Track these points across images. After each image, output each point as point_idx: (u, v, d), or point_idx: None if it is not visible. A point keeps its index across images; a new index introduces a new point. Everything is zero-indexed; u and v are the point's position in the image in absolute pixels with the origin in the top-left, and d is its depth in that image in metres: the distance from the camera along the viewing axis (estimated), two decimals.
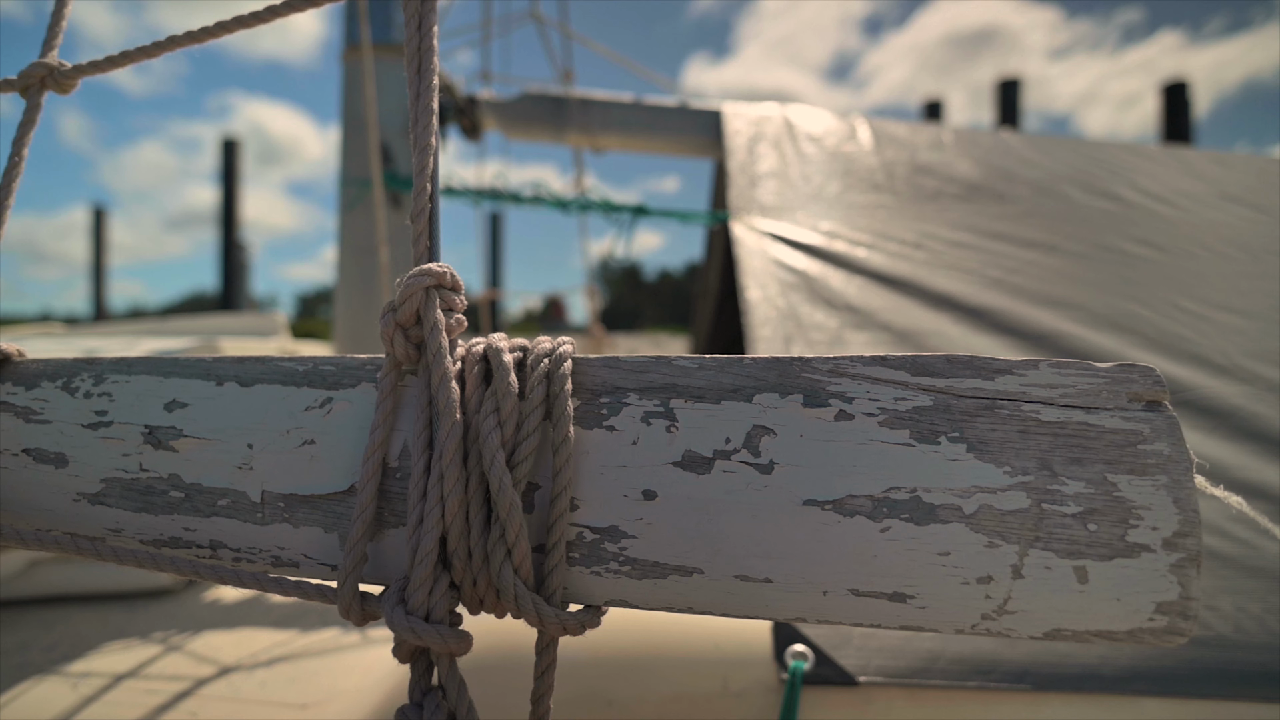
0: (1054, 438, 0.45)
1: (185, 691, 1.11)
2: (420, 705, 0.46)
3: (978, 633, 0.44)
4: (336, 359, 0.55)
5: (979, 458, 0.44)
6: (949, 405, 0.46)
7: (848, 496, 0.45)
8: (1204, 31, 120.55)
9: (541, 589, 0.46)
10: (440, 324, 0.50)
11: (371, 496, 0.48)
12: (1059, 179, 2.15)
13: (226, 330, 2.76)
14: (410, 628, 0.44)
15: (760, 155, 2.21)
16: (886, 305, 1.61)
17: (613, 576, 0.47)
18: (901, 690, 0.95)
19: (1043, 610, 0.43)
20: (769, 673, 0.98)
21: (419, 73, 0.56)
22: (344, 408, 0.52)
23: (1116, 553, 0.43)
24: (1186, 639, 0.43)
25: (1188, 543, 0.43)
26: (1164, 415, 0.45)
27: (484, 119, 2.57)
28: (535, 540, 0.48)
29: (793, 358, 0.48)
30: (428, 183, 0.54)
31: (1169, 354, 1.49)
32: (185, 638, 1.31)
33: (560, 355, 0.49)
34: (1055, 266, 1.77)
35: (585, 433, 0.48)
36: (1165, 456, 0.44)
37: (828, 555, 0.44)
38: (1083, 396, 0.45)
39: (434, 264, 0.52)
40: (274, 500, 0.51)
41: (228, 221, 35.33)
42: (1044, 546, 0.43)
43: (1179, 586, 0.42)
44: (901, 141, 2.31)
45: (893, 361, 0.47)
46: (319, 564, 0.51)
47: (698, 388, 0.48)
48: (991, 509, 0.44)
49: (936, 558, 0.44)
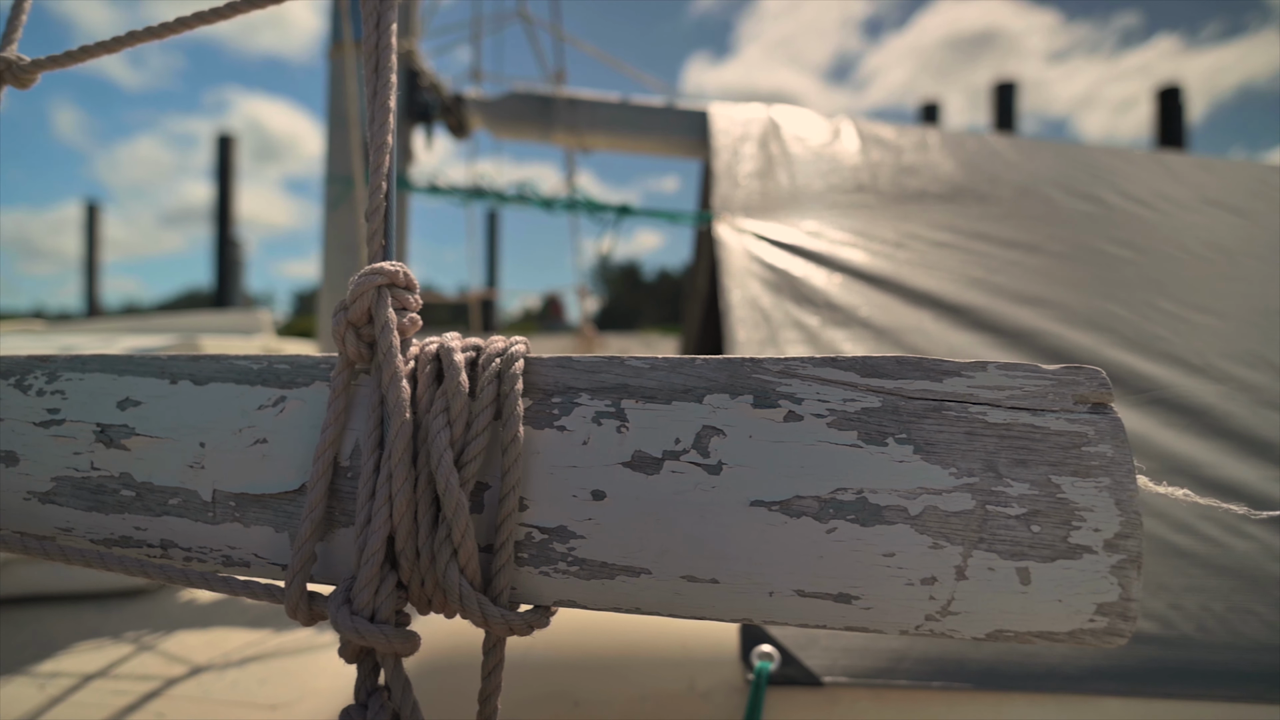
0: (1000, 439, 0.45)
1: (154, 692, 1.10)
2: (365, 706, 0.46)
3: (921, 633, 0.44)
4: (291, 357, 0.55)
5: (925, 459, 0.45)
6: (897, 406, 0.46)
7: (794, 497, 0.45)
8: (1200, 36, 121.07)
9: (489, 589, 0.46)
10: (391, 323, 0.49)
11: (321, 496, 0.48)
12: (1042, 181, 2.16)
13: (209, 328, 2.75)
14: (354, 627, 0.44)
15: (745, 156, 2.21)
16: (867, 303, 1.62)
17: (561, 577, 0.47)
18: (867, 690, 0.95)
19: (985, 611, 0.43)
20: (735, 673, 0.98)
21: (376, 70, 0.56)
22: (297, 406, 0.52)
23: (1059, 554, 0.43)
24: (1126, 640, 0.43)
25: (1129, 544, 0.43)
26: (1108, 417, 0.45)
27: (471, 118, 2.56)
28: (484, 540, 0.48)
29: (744, 358, 0.48)
30: (383, 181, 0.54)
31: (1145, 353, 1.50)
32: (158, 637, 1.30)
33: (512, 355, 0.49)
34: (1036, 266, 1.78)
35: (536, 433, 0.48)
36: (1109, 458, 0.44)
37: (774, 556, 0.44)
38: (1029, 398, 0.45)
39: (387, 262, 0.52)
40: (225, 499, 0.51)
41: (222, 218, 35.21)
42: (988, 548, 0.43)
43: (1119, 588, 0.42)
44: (887, 143, 2.31)
45: (842, 363, 0.47)
46: (270, 563, 0.51)
47: (649, 388, 0.48)
48: (937, 510, 0.44)
49: (881, 559, 0.44)
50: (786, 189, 2.06)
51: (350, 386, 0.51)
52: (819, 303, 1.60)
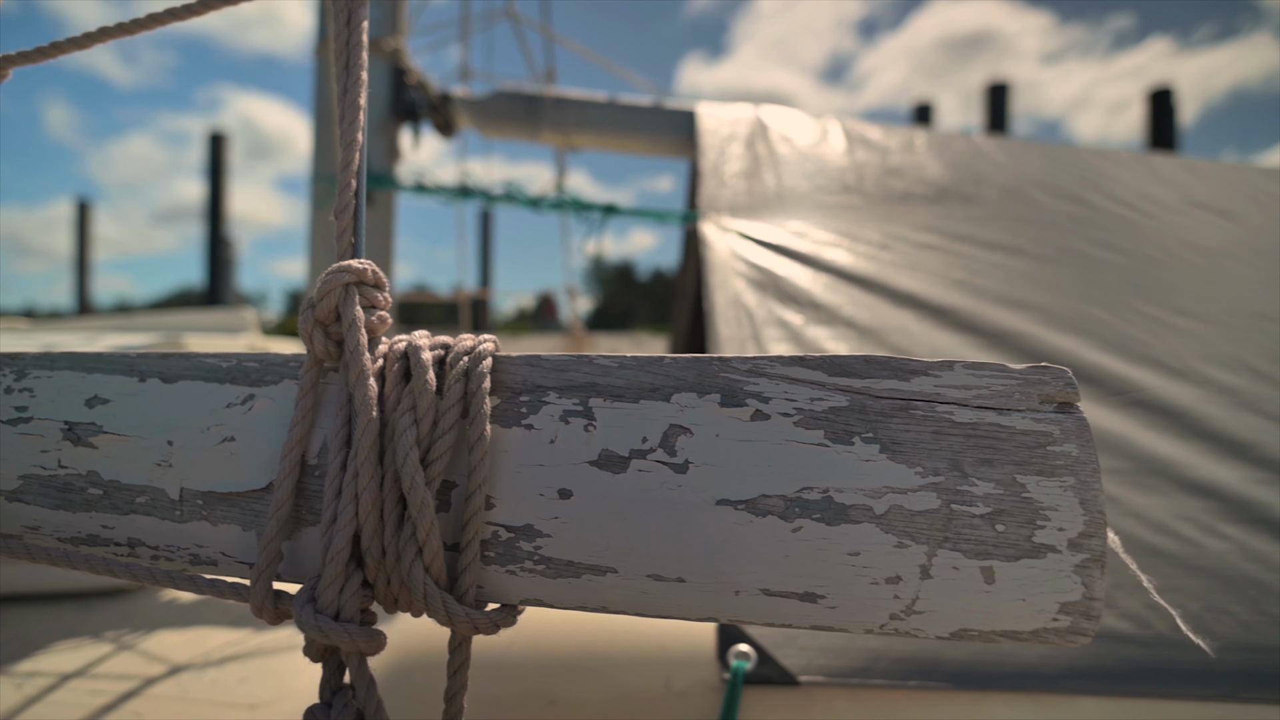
0: (966, 439, 0.45)
1: (132, 691, 1.10)
2: (329, 705, 0.46)
3: (886, 633, 0.44)
4: (261, 355, 0.54)
5: (891, 458, 0.45)
6: (864, 406, 0.46)
7: (760, 496, 0.45)
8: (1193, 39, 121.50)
9: (454, 588, 0.46)
10: (359, 321, 0.49)
11: (288, 494, 0.48)
12: (1028, 183, 2.17)
13: (194, 327, 2.73)
14: (318, 626, 0.44)
15: (732, 155, 2.21)
16: (851, 303, 1.62)
17: (527, 575, 0.47)
18: (843, 689, 0.95)
19: (950, 610, 0.43)
20: (712, 672, 0.98)
21: (347, 68, 0.55)
22: (266, 405, 0.52)
23: (1023, 553, 0.43)
24: (1089, 639, 0.43)
25: (1092, 544, 0.43)
26: (1074, 417, 0.45)
27: (458, 117, 2.55)
28: (451, 539, 0.47)
29: (712, 357, 0.48)
30: (352, 179, 0.54)
31: (1125, 355, 1.50)
32: (137, 637, 1.30)
33: (480, 354, 0.49)
34: (1019, 268, 1.78)
35: (504, 431, 0.48)
36: (1074, 458, 0.44)
37: (740, 555, 0.44)
38: (996, 398, 0.46)
39: (354, 260, 0.51)
40: (192, 498, 0.51)
41: (214, 216, 34.99)
42: (952, 547, 0.43)
43: (1083, 587, 0.43)
44: (873, 144, 2.32)
45: (810, 362, 0.47)
46: (237, 562, 0.50)
47: (617, 387, 0.48)
48: (902, 509, 0.44)
49: (847, 558, 0.44)
50: (772, 189, 2.07)
51: (319, 385, 0.51)
52: (803, 302, 1.60)
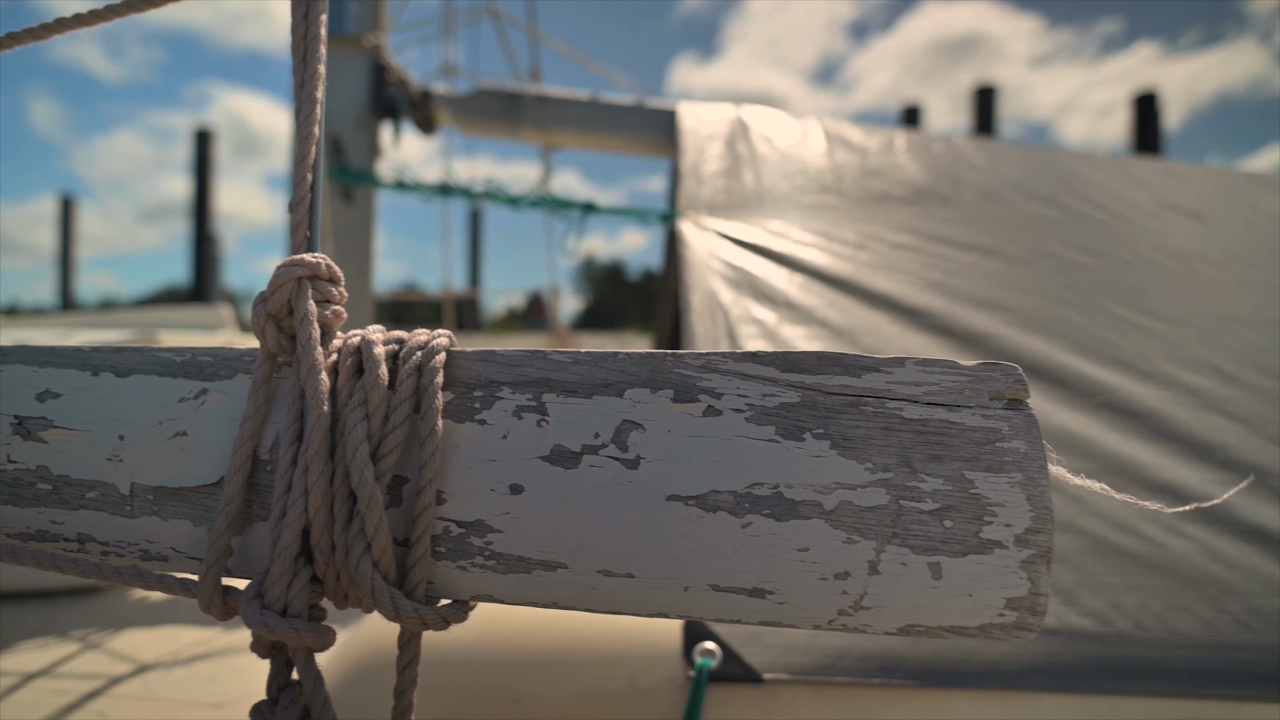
0: (916, 435, 0.45)
1: (97, 690, 1.08)
2: (276, 701, 0.45)
3: (834, 628, 0.44)
4: (216, 350, 0.54)
5: (842, 454, 0.45)
6: (816, 402, 0.46)
7: (711, 492, 0.45)
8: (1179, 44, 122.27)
9: (404, 583, 0.46)
10: (311, 315, 0.49)
11: (238, 488, 0.47)
12: (1005, 185, 2.18)
13: (170, 323, 2.71)
14: (264, 622, 0.43)
15: (712, 155, 2.21)
16: (826, 303, 1.63)
17: (478, 571, 0.46)
18: (807, 687, 0.95)
19: (897, 606, 0.44)
20: (677, 670, 0.98)
21: (304, 61, 0.55)
22: (218, 399, 0.52)
23: (970, 549, 0.43)
24: (1035, 634, 0.44)
25: (1039, 539, 0.43)
26: (1023, 414, 0.45)
27: (439, 114, 2.54)
28: (401, 534, 0.47)
29: (666, 353, 0.48)
30: (309, 172, 0.54)
31: (1094, 357, 1.52)
32: (105, 636, 1.28)
33: (433, 348, 0.49)
34: (993, 270, 1.79)
35: (457, 426, 0.48)
36: (1021, 454, 0.44)
37: (690, 551, 0.44)
38: (946, 394, 0.46)
39: (308, 254, 0.51)
40: (143, 493, 0.50)
41: (200, 214, 34.73)
42: (901, 543, 0.44)
43: (1029, 582, 0.43)
44: (854, 145, 2.33)
45: (763, 358, 0.47)
46: (188, 558, 0.50)
47: (571, 382, 0.48)
48: (851, 505, 0.44)
49: (796, 553, 0.44)
50: (752, 189, 2.07)
51: (272, 379, 0.51)
52: (778, 301, 1.60)
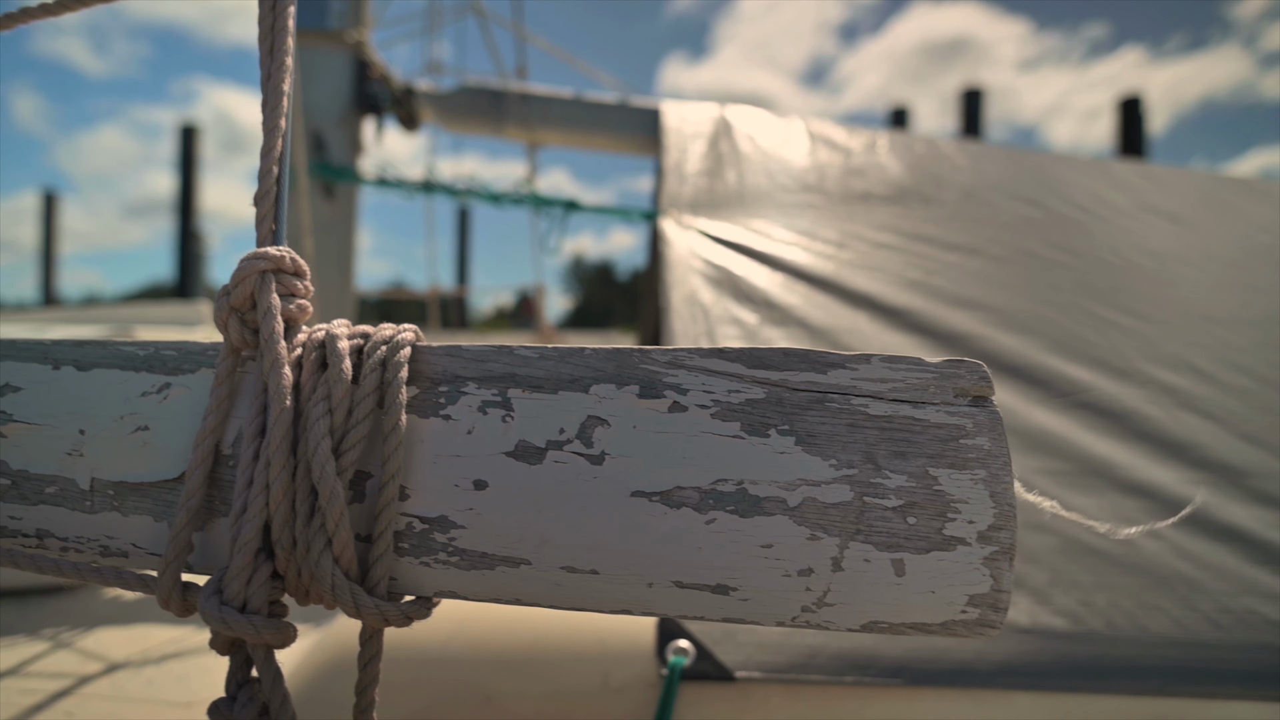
0: (881, 431, 0.45)
1: (65, 690, 1.07)
2: (234, 698, 0.45)
3: (797, 625, 0.44)
4: (180, 344, 0.53)
5: (806, 450, 0.45)
6: (781, 398, 0.46)
7: (675, 488, 0.44)
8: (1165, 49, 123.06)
9: (366, 579, 0.45)
10: (275, 309, 0.49)
11: (199, 483, 0.47)
12: (987, 185, 2.19)
13: (148, 319, 2.68)
14: (221, 618, 0.43)
15: (695, 154, 2.22)
16: (806, 302, 1.63)
17: (441, 567, 0.46)
18: (780, 685, 0.95)
19: (860, 603, 0.44)
20: (650, 668, 0.98)
21: (271, 53, 0.55)
22: (182, 393, 0.51)
23: (933, 546, 0.43)
24: (997, 631, 0.44)
25: (1002, 536, 0.43)
26: (987, 411, 0.46)
27: (421, 111, 2.53)
28: (364, 530, 0.47)
29: (633, 349, 0.48)
30: (274, 165, 0.53)
31: (1072, 356, 1.53)
32: (76, 635, 1.27)
33: (398, 343, 0.49)
34: (974, 269, 1.81)
35: (421, 421, 0.48)
36: (985, 451, 0.45)
37: (653, 547, 0.44)
38: (911, 391, 0.46)
39: (272, 248, 0.51)
40: (103, 488, 0.50)
41: (185, 210, 34.43)
42: (864, 539, 0.44)
43: (991, 579, 0.43)
44: (837, 145, 2.34)
45: (729, 354, 0.47)
46: (148, 554, 0.49)
47: (537, 377, 0.48)
48: (815, 501, 0.44)
49: (760, 550, 0.44)
50: (734, 188, 2.07)
51: (235, 373, 0.50)
52: (758, 300, 1.61)
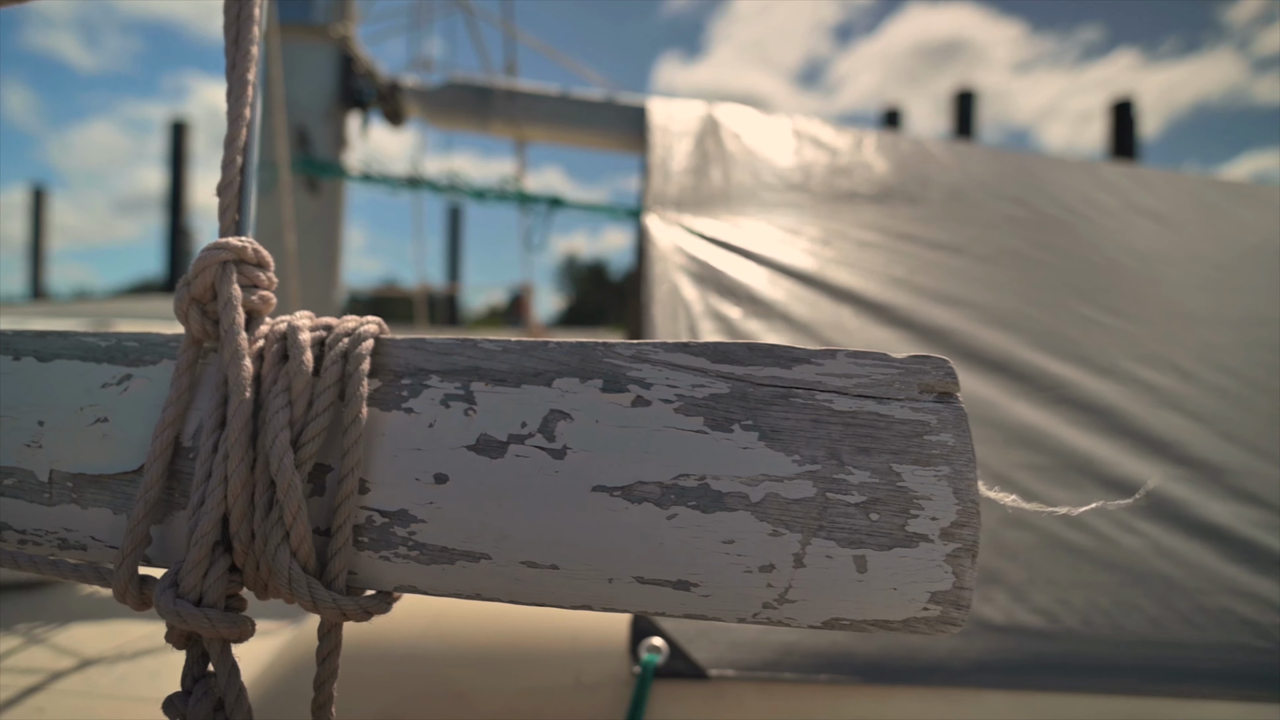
0: (845, 427, 0.45)
1: (37, 686, 1.06)
2: (189, 693, 0.44)
3: (758, 621, 0.44)
4: (142, 335, 0.53)
5: (770, 446, 0.44)
6: (745, 393, 0.46)
7: (637, 483, 0.44)
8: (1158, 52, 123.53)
9: (324, 573, 0.45)
10: (235, 299, 0.48)
11: (158, 475, 0.46)
12: (973, 185, 2.20)
13: (135, 314, 2.66)
14: (176, 611, 0.42)
15: (681, 151, 2.21)
16: (789, 298, 1.63)
17: (401, 562, 0.46)
18: (753, 684, 0.95)
19: (822, 599, 0.43)
20: (623, 666, 0.98)
21: (236, 43, 0.54)
22: (142, 385, 0.50)
23: (896, 542, 0.43)
24: (959, 628, 0.43)
25: (965, 533, 0.43)
26: (952, 407, 0.45)
27: (407, 106, 2.52)
28: (324, 523, 0.46)
29: (597, 342, 0.48)
30: (238, 155, 0.53)
31: (1055, 353, 1.53)
32: (50, 630, 1.26)
33: (360, 335, 0.48)
34: (958, 267, 1.81)
35: (383, 414, 0.47)
36: (950, 447, 0.44)
37: (614, 542, 0.44)
38: (876, 387, 0.46)
39: (234, 238, 0.50)
40: (62, 480, 0.49)
41: (175, 206, 34.25)
42: (826, 535, 0.43)
43: (954, 576, 0.43)
44: (823, 144, 2.34)
45: (694, 348, 0.47)
46: (107, 546, 0.49)
47: (500, 371, 0.47)
48: (778, 497, 0.44)
49: (721, 546, 0.43)
50: (719, 186, 2.07)
51: (197, 365, 0.50)
52: (741, 296, 1.61)
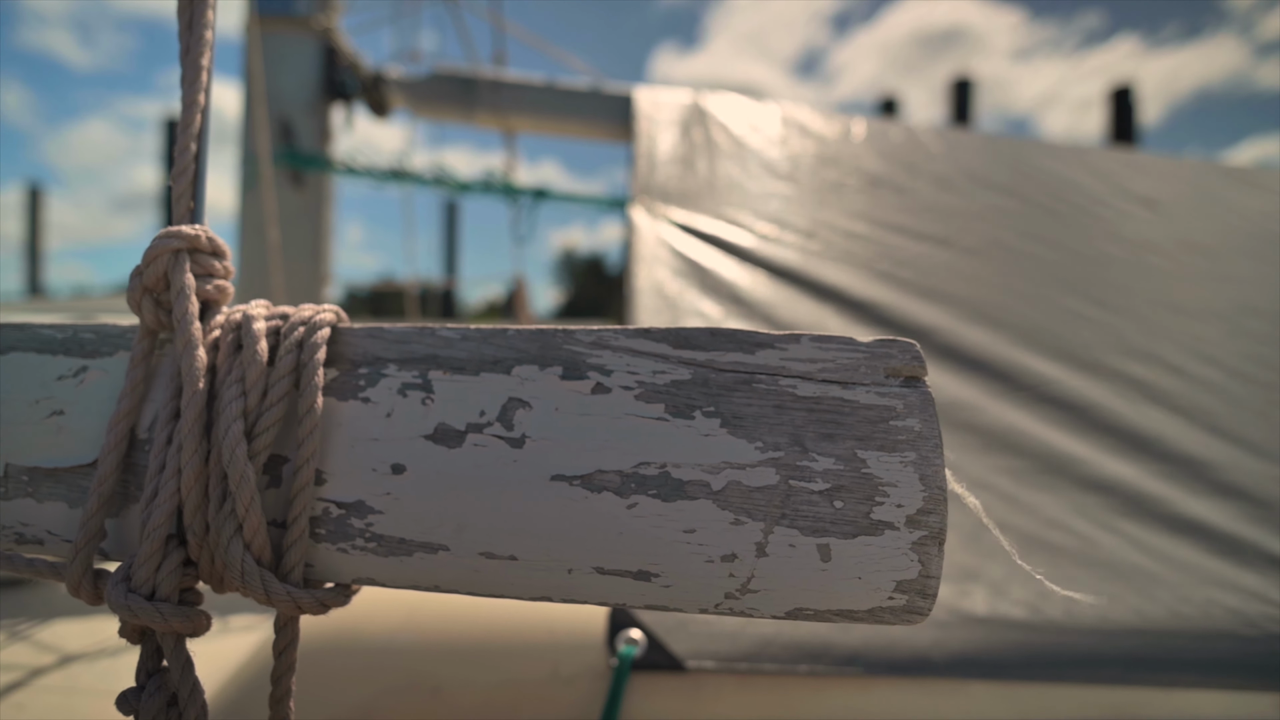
0: (809, 413, 0.44)
1: (17, 682, 1.05)
2: (143, 688, 0.44)
3: (720, 612, 0.43)
4: (98, 326, 0.52)
5: (732, 433, 0.44)
6: (707, 379, 0.45)
7: (596, 472, 0.43)
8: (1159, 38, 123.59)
9: (279, 566, 0.44)
10: (188, 289, 0.47)
11: (112, 468, 0.46)
12: (961, 174, 2.18)
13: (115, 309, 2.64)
14: (126, 605, 0.42)
15: (667, 141, 2.20)
16: (773, 297, 1.62)
17: (359, 554, 0.45)
18: (732, 676, 0.95)
19: (785, 589, 0.42)
20: (600, 659, 0.97)
21: (190, 26, 0.53)
22: (98, 377, 0.50)
23: (860, 530, 0.42)
24: (925, 617, 0.43)
25: (931, 520, 0.42)
26: (919, 391, 0.44)
27: (392, 97, 2.50)
28: (280, 515, 0.46)
29: (557, 329, 0.47)
30: (193, 142, 0.52)
31: (1037, 349, 1.52)
32: (32, 626, 1.25)
33: (315, 324, 0.47)
34: (944, 260, 1.80)
35: (339, 404, 0.46)
36: (916, 433, 0.43)
37: (574, 533, 0.43)
38: (841, 371, 0.45)
39: (187, 226, 0.49)
40: (17, 474, 0.48)
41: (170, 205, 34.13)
42: (790, 524, 0.42)
43: (919, 565, 0.42)
44: (811, 132, 2.32)
45: (655, 334, 0.46)
46: (63, 541, 0.48)
47: (458, 359, 0.47)
48: (740, 485, 0.43)
49: (682, 535, 0.43)
50: (705, 176, 2.06)
51: (152, 355, 0.49)
52: (724, 293, 1.59)
